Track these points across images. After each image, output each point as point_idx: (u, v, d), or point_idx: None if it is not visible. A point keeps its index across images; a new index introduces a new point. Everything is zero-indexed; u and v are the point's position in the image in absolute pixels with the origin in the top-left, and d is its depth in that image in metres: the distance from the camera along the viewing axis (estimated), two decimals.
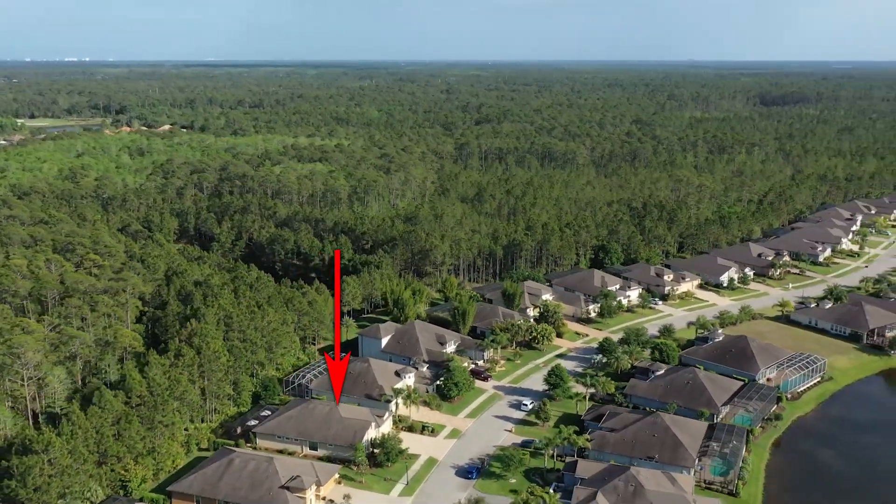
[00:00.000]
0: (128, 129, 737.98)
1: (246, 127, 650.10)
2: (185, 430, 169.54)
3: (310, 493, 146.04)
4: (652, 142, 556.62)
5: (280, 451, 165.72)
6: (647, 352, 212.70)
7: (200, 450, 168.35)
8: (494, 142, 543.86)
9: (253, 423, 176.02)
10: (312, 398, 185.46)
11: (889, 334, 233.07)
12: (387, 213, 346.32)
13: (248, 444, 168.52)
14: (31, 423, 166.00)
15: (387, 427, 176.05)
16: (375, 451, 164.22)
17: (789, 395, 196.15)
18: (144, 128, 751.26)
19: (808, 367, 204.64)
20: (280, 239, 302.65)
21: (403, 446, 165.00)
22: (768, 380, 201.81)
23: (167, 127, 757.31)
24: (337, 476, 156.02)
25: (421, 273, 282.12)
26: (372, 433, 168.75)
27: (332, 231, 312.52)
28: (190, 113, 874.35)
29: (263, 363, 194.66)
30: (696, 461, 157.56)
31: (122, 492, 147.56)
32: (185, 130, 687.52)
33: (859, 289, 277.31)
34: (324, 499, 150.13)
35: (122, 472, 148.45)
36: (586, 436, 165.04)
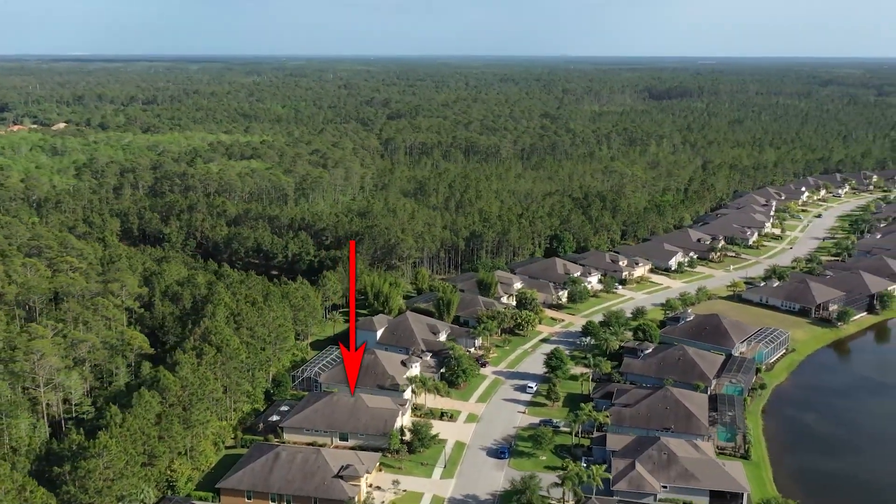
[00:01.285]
0: (20, 127, 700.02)
1: (158, 125, 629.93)
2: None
3: (363, 481, 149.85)
4: (568, 135, 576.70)
5: (310, 444, 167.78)
6: (629, 332, 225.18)
7: (227, 448, 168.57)
8: (417, 136, 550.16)
9: (275, 418, 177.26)
10: (325, 391, 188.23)
11: (832, 308, 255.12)
12: (336, 209, 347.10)
13: (277, 439, 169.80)
14: (47, 428, 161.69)
15: (408, 415, 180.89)
16: (405, 437, 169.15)
17: (764, 367, 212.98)
18: (38, 126, 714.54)
19: (775, 341, 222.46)
20: (239, 237, 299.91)
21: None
22: (741, 353, 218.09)
23: (62, 125, 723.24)
24: (378, 464, 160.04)
25: (388, 266, 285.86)
26: (400, 421, 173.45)
27: (289, 228, 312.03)
28: (82, 110, 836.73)
29: (270, 359, 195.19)
30: (708, 429, 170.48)
31: (169, 491, 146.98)
32: (83, 128, 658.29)
33: (794, 268, 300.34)
34: (370, 485, 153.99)
35: (169, 472, 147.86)
36: (605, 412, 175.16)
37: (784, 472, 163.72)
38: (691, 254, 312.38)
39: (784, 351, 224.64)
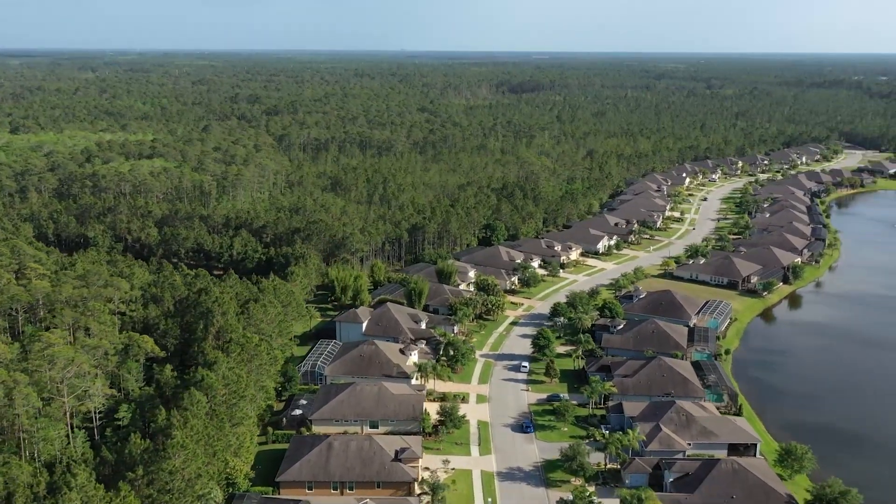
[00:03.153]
0: None
1: (26, 125, 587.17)
2: None
3: (420, 462, 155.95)
4: (455, 128, 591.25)
5: (341, 434, 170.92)
6: (595, 312, 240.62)
7: (259, 444, 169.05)
8: (311, 132, 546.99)
9: (298, 412, 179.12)
10: (335, 383, 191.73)
11: (754, 280, 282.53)
12: (264, 206, 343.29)
13: (308, 432, 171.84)
14: (85, 437, 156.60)
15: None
16: (434, 420, 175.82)
17: (720, 335, 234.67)
18: None
19: (724, 312, 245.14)
20: (177, 237, 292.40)
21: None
22: (694, 324, 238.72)
23: None
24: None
25: (342, 261, 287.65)
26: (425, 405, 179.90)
27: (226, 226, 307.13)
28: None
29: (277, 356, 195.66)
30: (703, 392, 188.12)
31: (230, 489, 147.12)
32: None
33: (706, 246, 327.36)
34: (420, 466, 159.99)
35: (229, 470, 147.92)
36: (610, 383, 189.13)
37: (773, 424, 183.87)
38: (615, 237, 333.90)
39: (730, 320, 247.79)
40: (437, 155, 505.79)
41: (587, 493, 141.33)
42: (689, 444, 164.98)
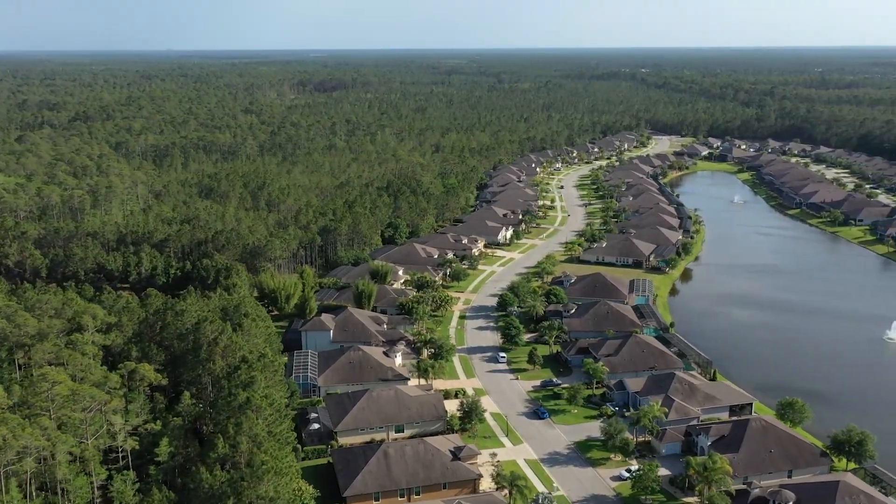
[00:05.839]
0: None
1: None
2: None
3: (478, 459, 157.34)
4: (294, 129, 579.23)
5: (368, 443, 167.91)
6: (542, 298, 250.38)
7: None
8: (147, 139, 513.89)
9: (315, 426, 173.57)
10: (329, 393, 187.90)
11: (653, 259, 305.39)
12: (156, 219, 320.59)
13: (337, 444, 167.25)
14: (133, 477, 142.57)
15: None
16: (459, 416, 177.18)
17: None
18: None
19: (649, 290, 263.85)
20: (74, 258, 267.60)
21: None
22: (626, 302, 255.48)
23: None
24: None
25: (256, 269, 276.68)
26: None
27: (120, 242, 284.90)
28: None
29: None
30: (681, 363, 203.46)
31: None
32: None
33: (593, 231, 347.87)
34: None
35: (295, 491, 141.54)
36: (601, 363, 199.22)
37: (743, 386, 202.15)
38: (511, 228, 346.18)
39: (654, 296, 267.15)
40: (291, 156, 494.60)
41: (654, 466, 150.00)
42: (699, 411, 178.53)
